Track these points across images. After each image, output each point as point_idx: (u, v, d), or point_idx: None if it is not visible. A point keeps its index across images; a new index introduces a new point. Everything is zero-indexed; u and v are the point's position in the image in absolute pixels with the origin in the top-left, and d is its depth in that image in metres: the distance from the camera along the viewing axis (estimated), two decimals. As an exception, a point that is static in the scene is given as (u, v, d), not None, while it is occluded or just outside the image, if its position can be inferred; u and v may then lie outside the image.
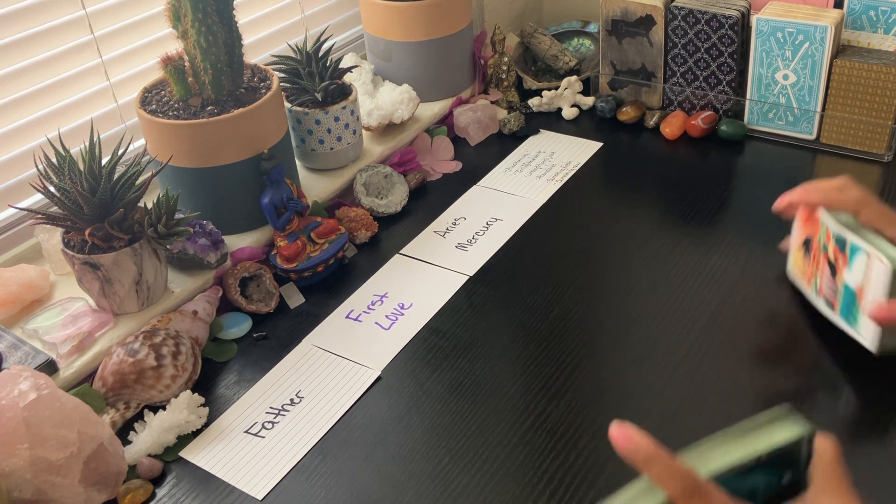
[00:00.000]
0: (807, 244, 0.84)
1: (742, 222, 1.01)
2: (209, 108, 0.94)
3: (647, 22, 1.18)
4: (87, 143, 0.82)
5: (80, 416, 0.69)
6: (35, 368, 0.79)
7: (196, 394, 0.80)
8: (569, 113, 1.26)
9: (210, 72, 0.93)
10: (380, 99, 1.18)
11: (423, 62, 1.22)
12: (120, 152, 0.84)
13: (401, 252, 1.00)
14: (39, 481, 0.66)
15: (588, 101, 1.27)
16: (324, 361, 0.86)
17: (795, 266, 0.87)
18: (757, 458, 0.54)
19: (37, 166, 0.82)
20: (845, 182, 0.80)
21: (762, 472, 0.55)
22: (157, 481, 0.75)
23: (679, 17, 1.15)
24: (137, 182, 0.84)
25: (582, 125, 1.24)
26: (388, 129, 1.18)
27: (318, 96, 1.05)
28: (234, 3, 0.94)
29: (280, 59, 1.07)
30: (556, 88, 1.28)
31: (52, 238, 0.93)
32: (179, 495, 0.73)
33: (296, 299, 0.94)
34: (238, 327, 0.90)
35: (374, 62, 1.25)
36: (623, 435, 0.51)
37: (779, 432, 0.55)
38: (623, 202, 1.07)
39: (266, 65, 1.03)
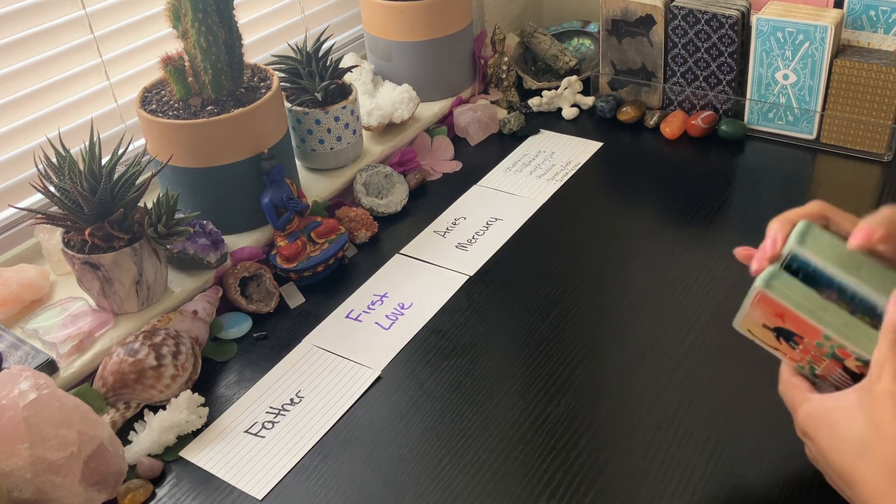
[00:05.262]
0: (783, 335, 0.68)
1: (742, 222, 1.01)
2: (209, 108, 0.94)
3: (647, 22, 1.18)
4: (87, 143, 0.82)
5: (80, 416, 0.69)
6: (35, 368, 0.79)
7: (196, 394, 0.80)
8: (569, 113, 1.26)
9: (210, 72, 0.93)
10: (380, 99, 1.18)
11: (423, 62, 1.22)
12: (120, 152, 0.84)
13: (401, 252, 1.00)
14: (39, 481, 0.65)
15: (588, 101, 1.27)
16: (324, 361, 0.86)
17: (752, 332, 0.71)
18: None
19: (37, 166, 0.82)
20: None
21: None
22: (158, 481, 0.75)
23: (679, 17, 1.15)
24: (137, 182, 0.84)
25: (582, 125, 1.24)
26: (388, 128, 1.18)
27: (318, 96, 1.05)
28: (234, 3, 0.94)
29: (280, 59, 1.07)
30: (556, 88, 1.28)
31: (52, 238, 0.93)
32: (179, 495, 0.73)
33: (296, 299, 0.94)
34: (238, 327, 0.90)
35: (374, 62, 1.25)
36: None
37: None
38: (623, 202, 1.07)
39: (266, 65, 1.03)
